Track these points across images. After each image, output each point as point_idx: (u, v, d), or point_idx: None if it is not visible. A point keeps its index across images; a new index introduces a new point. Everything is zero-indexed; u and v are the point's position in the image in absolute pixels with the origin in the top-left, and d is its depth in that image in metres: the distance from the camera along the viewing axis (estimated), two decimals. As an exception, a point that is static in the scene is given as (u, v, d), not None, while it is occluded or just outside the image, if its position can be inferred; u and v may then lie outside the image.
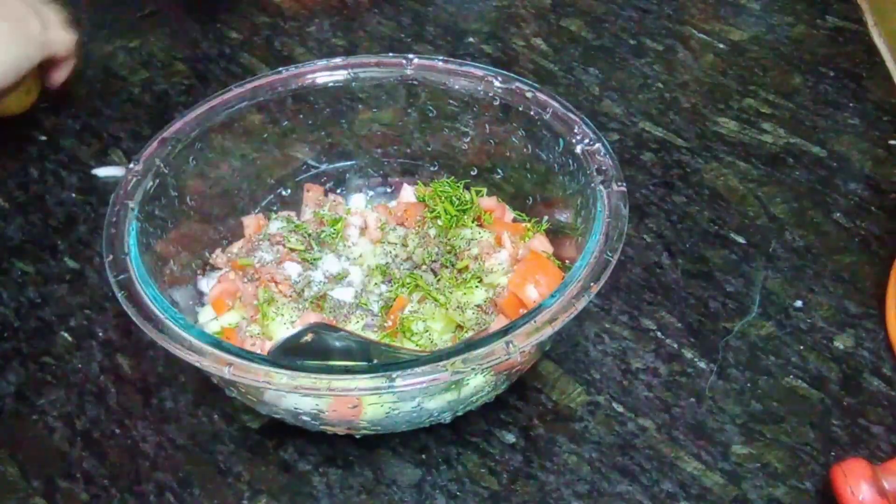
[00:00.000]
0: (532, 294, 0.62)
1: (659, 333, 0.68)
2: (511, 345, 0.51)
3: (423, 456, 0.62)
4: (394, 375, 0.49)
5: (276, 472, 0.61)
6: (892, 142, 0.82)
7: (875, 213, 0.76)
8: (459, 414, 0.59)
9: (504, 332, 0.51)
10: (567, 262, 0.65)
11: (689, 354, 0.67)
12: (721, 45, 0.93)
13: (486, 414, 0.63)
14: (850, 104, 0.86)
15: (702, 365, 0.66)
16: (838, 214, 0.76)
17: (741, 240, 0.75)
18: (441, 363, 0.50)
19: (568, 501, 0.59)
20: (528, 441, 0.62)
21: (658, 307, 0.70)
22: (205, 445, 0.63)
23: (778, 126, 0.84)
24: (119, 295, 0.55)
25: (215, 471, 0.61)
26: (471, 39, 0.95)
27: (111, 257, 0.57)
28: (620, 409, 0.64)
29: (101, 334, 0.69)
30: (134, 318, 0.54)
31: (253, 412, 0.63)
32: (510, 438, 0.62)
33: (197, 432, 0.63)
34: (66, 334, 0.70)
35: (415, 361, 0.50)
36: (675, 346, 0.67)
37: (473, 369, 0.50)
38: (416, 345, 0.62)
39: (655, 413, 0.63)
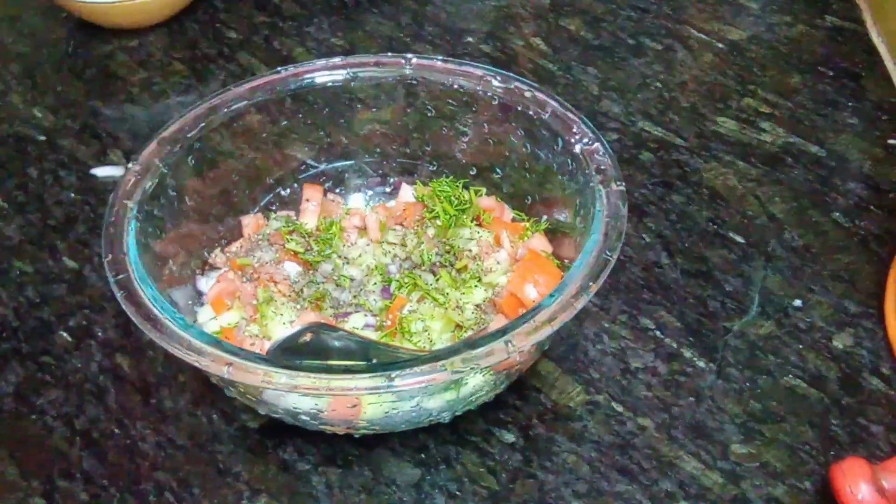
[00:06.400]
0: (531, 293, 0.62)
1: (658, 333, 0.68)
2: (510, 344, 0.51)
3: (423, 456, 0.62)
4: (393, 375, 0.49)
5: (276, 472, 0.61)
6: (891, 141, 0.82)
7: (874, 213, 0.76)
8: (459, 413, 0.59)
9: (503, 331, 0.51)
10: (566, 261, 0.65)
11: (688, 354, 0.67)
12: (720, 45, 0.93)
13: (485, 414, 0.63)
14: (849, 104, 0.86)
15: (701, 364, 0.66)
16: (837, 214, 0.76)
17: (740, 239, 0.75)
18: (440, 363, 0.50)
19: (567, 501, 0.59)
20: (528, 441, 0.62)
21: (657, 307, 0.70)
22: (204, 445, 0.63)
23: (777, 126, 0.84)
24: (118, 295, 0.55)
25: (215, 471, 0.61)
26: (470, 39, 0.95)
27: (110, 257, 0.57)
28: (620, 408, 0.64)
29: (100, 334, 0.69)
30: (133, 318, 0.54)
31: (253, 412, 0.63)
32: (510, 438, 0.62)
33: (197, 432, 0.63)
34: (65, 334, 0.70)
35: (414, 361, 0.50)
36: (675, 345, 0.67)
37: (473, 369, 0.50)
38: (415, 345, 0.62)
39: (655, 413, 0.63)
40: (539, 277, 0.63)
